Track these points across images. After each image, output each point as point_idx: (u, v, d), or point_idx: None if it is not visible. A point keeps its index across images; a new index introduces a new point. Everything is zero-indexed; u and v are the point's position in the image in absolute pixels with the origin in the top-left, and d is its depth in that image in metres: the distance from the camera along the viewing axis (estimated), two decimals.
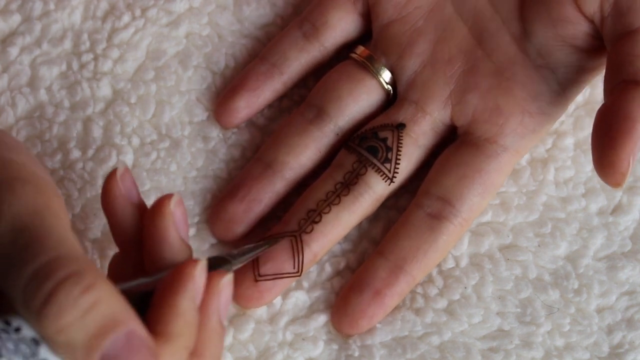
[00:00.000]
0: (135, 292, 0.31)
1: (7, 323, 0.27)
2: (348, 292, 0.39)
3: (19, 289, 0.27)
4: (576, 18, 0.37)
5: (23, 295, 0.27)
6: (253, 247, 0.37)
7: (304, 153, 0.40)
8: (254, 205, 0.40)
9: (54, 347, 0.27)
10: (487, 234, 0.41)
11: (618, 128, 0.33)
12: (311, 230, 0.39)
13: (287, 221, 0.39)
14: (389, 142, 0.40)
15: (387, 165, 0.39)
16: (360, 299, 0.38)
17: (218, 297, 0.31)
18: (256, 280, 0.38)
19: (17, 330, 0.27)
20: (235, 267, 0.35)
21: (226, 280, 0.32)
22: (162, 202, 0.33)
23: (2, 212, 0.28)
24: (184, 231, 0.34)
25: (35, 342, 0.27)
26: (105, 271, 0.40)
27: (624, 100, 0.33)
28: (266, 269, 0.38)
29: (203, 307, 0.31)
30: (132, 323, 0.27)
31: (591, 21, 0.37)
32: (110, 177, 0.34)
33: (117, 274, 0.35)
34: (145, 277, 0.32)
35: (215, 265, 0.33)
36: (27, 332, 0.27)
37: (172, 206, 0.33)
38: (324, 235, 0.39)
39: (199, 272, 0.30)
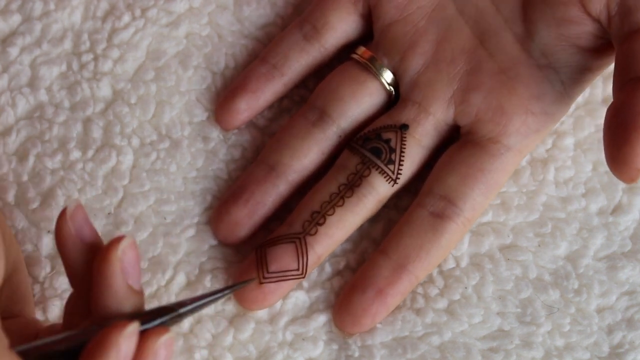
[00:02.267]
0: (63, 349, 0.29)
1: None
2: (350, 290, 0.39)
3: None
4: (581, 18, 0.37)
5: None
6: (212, 292, 0.33)
7: (307, 156, 0.40)
8: (258, 209, 0.40)
9: None
10: (487, 234, 0.41)
11: (631, 124, 0.33)
12: (315, 232, 0.39)
13: (291, 223, 0.39)
14: (392, 143, 0.40)
15: (391, 167, 0.39)
16: (363, 298, 0.38)
17: (154, 358, 0.29)
18: (260, 283, 0.38)
19: None
20: (184, 317, 0.32)
21: (164, 340, 0.30)
22: (109, 247, 0.31)
23: None
24: (135, 278, 0.31)
25: None
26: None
27: (635, 97, 0.34)
28: (271, 271, 0.38)
29: None
30: None
31: (597, 21, 0.37)
32: (60, 216, 0.32)
33: (72, 313, 0.33)
34: (64, 332, 0.30)
35: (163, 314, 0.31)
36: None
37: (121, 252, 0.31)
38: (328, 237, 0.39)
39: (125, 339, 0.28)
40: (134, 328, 0.29)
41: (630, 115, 0.33)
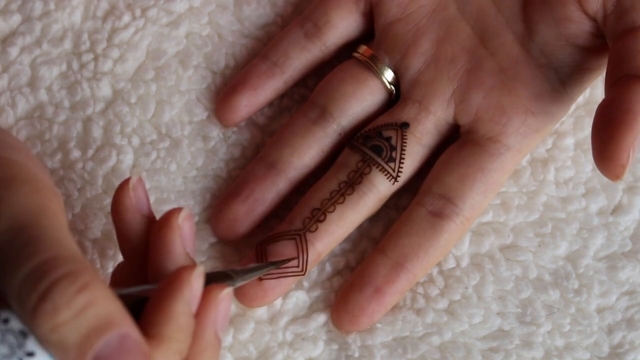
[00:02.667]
0: (133, 298, 0.31)
1: None
2: (348, 289, 0.39)
3: (14, 288, 0.27)
4: (579, 17, 0.37)
5: (18, 294, 0.27)
6: (257, 266, 0.37)
7: (307, 153, 0.40)
8: (257, 206, 0.40)
9: (46, 345, 0.27)
10: (487, 234, 0.41)
11: (618, 121, 0.33)
12: (316, 229, 0.39)
13: (292, 220, 0.39)
14: (393, 141, 0.40)
15: (392, 165, 0.39)
16: (360, 296, 0.38)
17: (216, 308, 0.31)
18: (260, 279, 0.38)
19: (5, 321, 0.27)
20: (237, 284, 0.34)
21: (225, 293, 0.31)
22: (170, 214, 0.33)
23: (0, 211, 0.28)
24: (190, 246, 0.33)
25: (23, 334, 0.27)
26: (106, 271, 0.40)
27: (626, 94, 0.34)
28: None
29: (200, 318, 0.31)
30: (126, 325, 0.27)
31: (593, 19, 0.37)
32: (123, 186, 0.34)
33: (120, 282, 0.34)
34: (146, 285, 0.32)
35: (217, 279, 0.33)
36: (15, 324, 0.27)
37: (181, 220, 0.33)
38: (328, 235, 0.39)
39: (196, 278, 0.30)
40: (201, 269, 0.31)
41: (619, 112, 0.33)
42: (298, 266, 0.38)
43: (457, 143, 0.40)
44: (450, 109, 0.40)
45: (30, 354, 0.27)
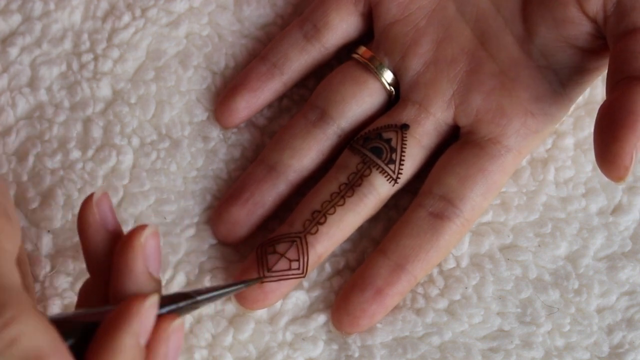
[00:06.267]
0: (81, 322, 0.29)
1: None
2: (349, 290, 0.39)
3: None
4: (579, 18, 0.37)
5: None
6: (224, 286, 0.35)
7: (307, 155, 0.40)
8: (257, 208, 0.40)
9: None
10: (487, 234, 0.41)
11: (621, 122, 0.33)
12: (316, 232, 0.39)
13: (292, 222, 0.39)
14: (393, 143, 0.40)
15: (392, 166, 0.39)
16: (361, 298, 0.38)
17: (166, 342, 0.30)
18: (261, 282, 0.38)
19: None
20: (202, 305, 0.33)
21: (175, 326, 0.30)
22: (133, 233, 0.31)
23: None
24: (154, 265, 0.32)
25: None
26: None
27: (627, 95, 0.33)
28: (271, 270, 0.38)
29: (149, 353, 0.29)
30: (58, 358, 0.26)
31: (594, 21, 0.37)
32: (86, 202, 0.33)
33: (87, 300, 0.33)
34: (94, 307, 0.31)
35: (177, 301, 0.31)
36: None
37: (144, 238, 0.31)
38: (328, 236, 0.39)
39: (147, 309, 0.29)
40: (154, 299, 0.29)
41: (621, 114, 0.33)
42: (299, 268, 0.38)
43: (457, 144, 0.40)
44: (450, 110, 0.40)
45: None
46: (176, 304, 0.31)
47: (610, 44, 0.36)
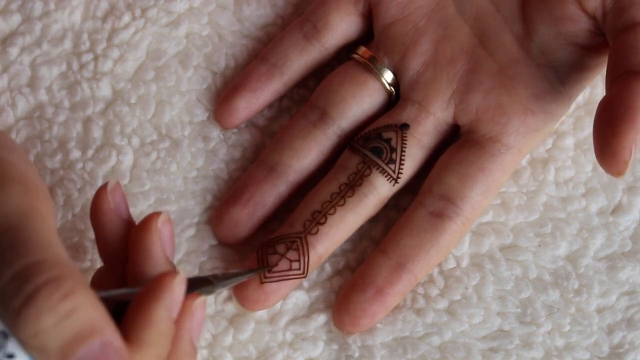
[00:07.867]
0: (115, 301, 0.31)
1: None
2: (349, 290, 0.39)
3: None
4: (578, 15, 0.37)
5: (2, 294, 0.27)
6: (238, 272, 0.37)
7: (307, 156, 0.40)
8: (258, 209, 0.40)
9: (27, 348, 0.27)
10: (487, 234, 0.41)
11: (620, 117, 0.33)
12: (316, 232, 0.39)
13: (292, 223, 0.39)
14: (393, 143, 0.40)
15: (392, 166, 0.39)
16: (362, 298, 0.38)
17: (191, 317, 0.31)
18: (262, 282, 0.38)
19: None
20: (217, 290, 0.35)
21: (199, 302, 0.32)
22: (150, 218, 0.33)
23: None
24: (170, 250, 0.34)
25: (4, 335, 0.27)
26: None
27: (627, 90, 0.34)
28: (272, 270, 0.38)
29: (177, 325, 0.31)
30: (109, 333, 0.27)
31: (592, 17, 0.37)
32: (101, 190, 0.34)
33: (100, 288, 0.34)
34: (127, 288, 0.32)
35: (197, 285, 0.33)
36: None
37: (160, 224, 0.33)
38: (329, 237, 0.39)
39: (177, 284, 0.30)
40: (183, 276, 0.31)
41: (620, 108, 0.33)
42: (299, 269, 0.38)
43: (457, 143, 0.40)
44: (449, 109, 0.40)
45: (10, 356, 0.27)
46: (197, 287, 0.33)
47: (609, 40, 0.36)
